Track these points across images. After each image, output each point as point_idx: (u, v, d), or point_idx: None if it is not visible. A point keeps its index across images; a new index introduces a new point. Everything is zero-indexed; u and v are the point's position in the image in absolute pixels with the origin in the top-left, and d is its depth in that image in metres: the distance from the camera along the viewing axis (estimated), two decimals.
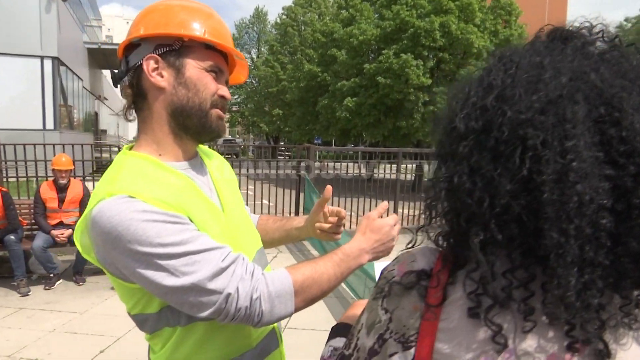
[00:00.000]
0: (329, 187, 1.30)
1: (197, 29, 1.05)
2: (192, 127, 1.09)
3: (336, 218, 1.34)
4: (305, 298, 1.02)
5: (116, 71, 1.12)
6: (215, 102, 1.09)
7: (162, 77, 1.05)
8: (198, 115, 1.07)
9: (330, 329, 1.03)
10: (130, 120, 1.16)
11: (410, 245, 0.67)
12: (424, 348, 0.54)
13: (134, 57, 1.08)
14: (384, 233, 1.16)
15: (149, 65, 1.04)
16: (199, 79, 1.06)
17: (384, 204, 1.21)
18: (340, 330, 0.95)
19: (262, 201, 8.29)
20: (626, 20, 23.69)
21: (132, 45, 1.09)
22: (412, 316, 0.56)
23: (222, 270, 0.94)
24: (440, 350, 0.53)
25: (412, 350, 0.55)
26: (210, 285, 0.92)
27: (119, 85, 1.13)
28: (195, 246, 0.93)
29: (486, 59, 0.63)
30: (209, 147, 1.36)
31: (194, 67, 1.06)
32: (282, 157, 14.52)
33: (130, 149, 1.13)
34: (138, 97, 1.09)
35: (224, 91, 1.11)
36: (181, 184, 1.05)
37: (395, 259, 0.64)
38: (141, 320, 1.06)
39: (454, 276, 0.55)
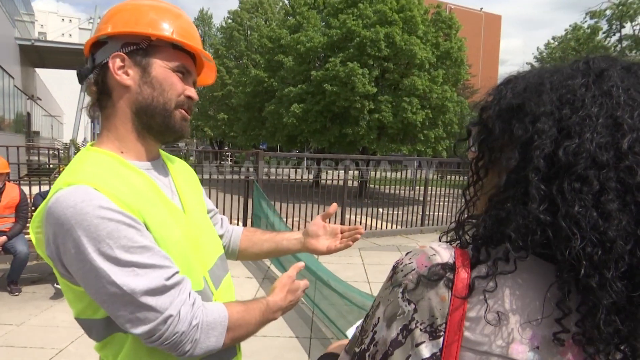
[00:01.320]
0: (334, 205, 1.40)
1: (165, 29, 1.05)
2: (155, 127, 1.08)
3: (352, 232, 1.42)
4: (233, 337, 1.03)
5: (82, 68, 1.10)
6: (181, 102, 1.09)
7: (127, 75, 1.05)
8: (162, 114, 1.07)
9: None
10: (94, 118, 1.13)
11: (444, 239, 0.71)
12: (453, 337, 0.57)
13: (100, 55, 1.07)
14: (297, 296, 1.25)
15: (115, 63, 1.04)
16: (165, 79, 1.06)
17: (300, 264, 1.29)
18: (329, 358, 0.95)
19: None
20: (553, 39, 25.37)
21: (99, 43, 1.08)
22: (440, 306, 0.58)
23: (167, 288, 0.93)
24: (469, 338, 0.57)
25: (441, 340, 0.57)
26: (151, 302, 0.90)
27: (84, 83, 1.11)
28: (143, 258, 0.91)
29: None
30: None
31: (160, 67, 1.06)
32: (228, 162, 14.31)
33: (92, 146, 1.11)
34: (103, 94, 1.08)
35: (191, 92, 1.11)
36: (142, 183, 1.04)
37: (408, 253, 0.65)
38: (89, 326, 1.03)
39: (476, 270, 0.60)
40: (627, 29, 21.13)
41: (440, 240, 0.69)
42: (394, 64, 16.58)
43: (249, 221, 8.07)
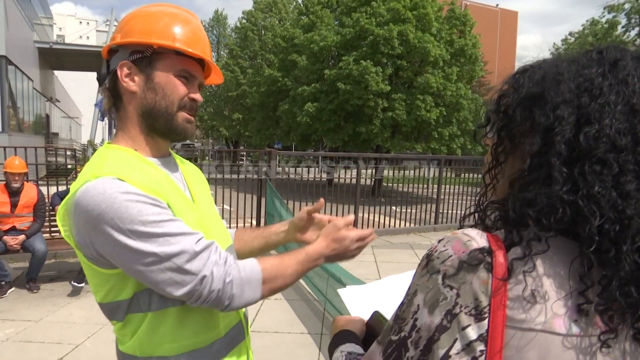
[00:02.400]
0: (321, 200, 1.41)
1: (167, 37, 1.12)
2: (159, 128, 1.16)
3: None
4: (271, 287, 1.11)
5: (101, 73, 1.20)
6: (184, 104, 1.16)
7: (133, 82, 1.13)
8: (165, 117, 1.15)
9: (289, 331, 1.09)
10: (112, 119, 1.22)
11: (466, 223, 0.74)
12: (498, 317, 0.59)
13: (113, 62, 1.16)
14: (343, 246, 1.24)
15: (122, 71, 1.13)
16: (167, 84, 1.13)
17: (350, 217, 1.29)
18: (345, 337, 0.96)
19: (222, 206, 8.25)
20: (570, 34, 25.00)
21: (112, 50, 1.17)
22: (483, 289, 0.61)
23: (197, 253, 1.02)
24: (512, 317, 0.59)
25: (486, 321, 0.60)
26: (186, 266, 0.99)
27: (101, 86, 1.20)
28: (172, 228, 1.01)
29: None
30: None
31: (162, 73, 1.13)
32: (243, 162, 14.38)
33: (109, 144, 1.20)
34: (116, 98, 1.17)
35: (195, 94, 1.18)
36: (158, 175, 1.12)
37: (440, 241, 0.67)
38: (113, 308, 1.10)
39: (512, 252, 0.62)
40: None
41: (461, 225, 0.72)
42: (408, 62, 16.51)
43: (262, 220, 8.12)
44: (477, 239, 0.64)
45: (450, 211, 10.34)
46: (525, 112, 0.69)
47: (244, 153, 31.77)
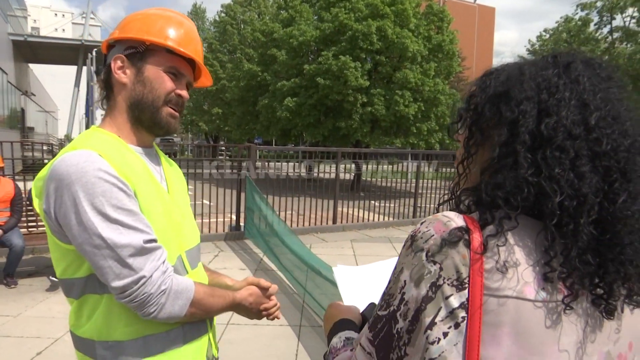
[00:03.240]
0: (274, 286, 1.49)
1: (160, 36, 1.21)
2: (145, 121, 1.24)
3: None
4: (194, 312, 1.17)
5: (98, 66, 1.32)
6: (170, 99, 1.24)
7: (125, 74, 1.22)
8: (150, 110, 1.22)
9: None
10: (103, 108, 1.30)
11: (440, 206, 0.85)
12: (476, 286, 0.68)
13: (110, 56, 1.25)
14: (257, 309, 1.40)
15: (115, 63, 1.22)
16: (155, 78, 1.21)
17: (274, 288, 1.47)
18: (345, 324, 1.02)
19: (202, 201, 8.27)
20: (545, 31, 25.44)
21: (111, 46, 1.27)
22: (463, 263, 0.69)
23: (144, 251, 1.07)
24: (489, 286, 0.67)
25: (466, 291, 0.68)
26: (129, 260, 1.04)
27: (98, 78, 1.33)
28: (128, 219, 1.06)
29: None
30: None
31: (152, 68, 1.21)
32: (223, 157, 14.32)
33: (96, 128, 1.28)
34: (108, 89, 1.26)
35: (181, 90, 1.26)
36: (135, 161, 1.19)
37: (423, 223, 0.76)
38: (69, 285, 1.15)
39: (487, 230, 0.71)
40: (618, 21, 21.27)
41: (437, 211, 0.81)
42: (386, 57, 16.63)
43: (241, 215, 8.17)
44: (456, 219, 0.73)
45: (428, 205, 10.52)
46: (493, 108, 0.79)
47: (224, 148, 31.61)
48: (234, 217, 8.40)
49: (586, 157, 0.70)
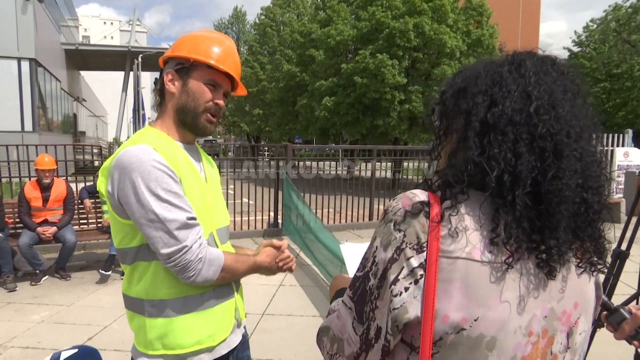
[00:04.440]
0: (285, 241, 1.74)
1: (203, 54, 1.47)
2: (187, 123, 1.50)
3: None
4: (224, 276, 1.43)
5: (156, 79, 1.63)
6: (209, 107, 1.49)
7: (174, 85, 1.49)
8: (192, 115, 1.48)
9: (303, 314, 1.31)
10: (156, 111, 1.59)
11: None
12: (432, 249, 0.80)
13: (164, 70, 1.53)
14: (276, 265, 1.66)
15: (167, 77, 1.50)
16: (197, 89, 1.47)
17: (284, 242, 1.70)
18: (344, 291, 1.16)
19: (242, 199, 8.53)
20: (592, 21, 24.45)
21: (165, 61, 1.56)
22: (422, 230, 0.81)
23: (187, 226, 1.33)
24: (443, 249, 0.80)
25: (424, 253, 0.80)
26: (175, 232, 1.30)
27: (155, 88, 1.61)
28: (175, 200, 1.33)
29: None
30: None
31: (195, 81, 1.48)
32: (262, 157, 14.65)
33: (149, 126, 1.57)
34: (161, 97, 1.54)
35: (218, 99, 1.51)
36: (180, 155, 1.45)
37: (394, 199, 0.88)
38: (124, 253, 1.42)
39: (445, 204, 0.84)
40: None
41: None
42: (424, 54, 16.53)
43: (279, 213, 8.38)
44: (420, 195, 0.86)
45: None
46: (454, 101, 0.93)
47: (264, 148, 32.13)
48: (272, 214, 8.63)
49: (525, 140, 0.81)
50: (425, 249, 0.81)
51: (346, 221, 9.08)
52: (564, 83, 0.88)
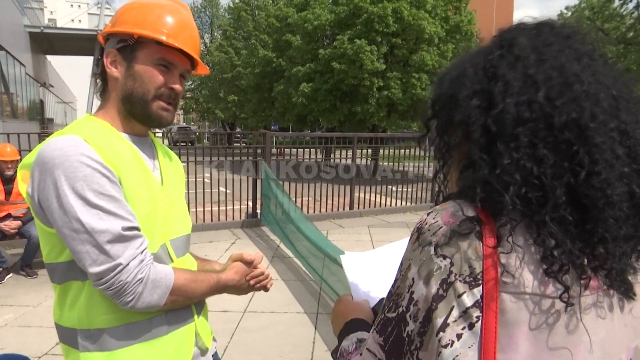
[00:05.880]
0: (259, 254, 1.44)
1: (149, 27, 1.17)
2: (137, 114, 1.23)
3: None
4: (175, 299, 1.16)
5: (99, 58, 1.30)
6: (160, 93, 1.21)
7: (116, 68, 1.21)
8: (140, 104, 1.20)
9: (284, 312, 1.10)
10: (99, 99, 1.29)
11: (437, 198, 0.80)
12: (490, 282, 0.61)
13: (105, 49, 1.24)
14: (247, 283, 1.39)
15: (108, 58, 1.21)
16: (145, 72, 1.19)
17: (259, 255, 1.42)
18: (356, 325, 0.96)
19: (219, 188, 8.27)
20: (566, 8, 24.65)
21: (106, 38, 1.25)
22: (475, 257, 0.62)
23: (123, 238, 1.05)
24: (505, 282, 0.61)
25: (480, 288, 0.61)
26: (106, 246, 1.03)
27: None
28: (108, 205, 1.05)
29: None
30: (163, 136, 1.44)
31: (142, 61, 1.19)
32: (238, 144, 14.26)
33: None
34: (102, 82, 1.26)
35: (173, 83, 1.22)
36: (125, 149, 1.19)
37: (429, 214, 0.69)
38: (52, 269, 1.15)
39: (497, 221, 0.64)
40: None
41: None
42: (403, 40, 16.34)
43: (258, 202, 8.16)
44: (467, 209, 0.66)
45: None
46: (447, 113, 0.74)
47: (239, 135, 31.68)
48: (250, 204, 8.39)
49: (543, 139, 0.63)
50: (480, 281, 0.61)
51: (326, 210, 8.90)
52: (575, 48, 0.68)
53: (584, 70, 0.66)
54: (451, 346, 0.61)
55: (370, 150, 10.56)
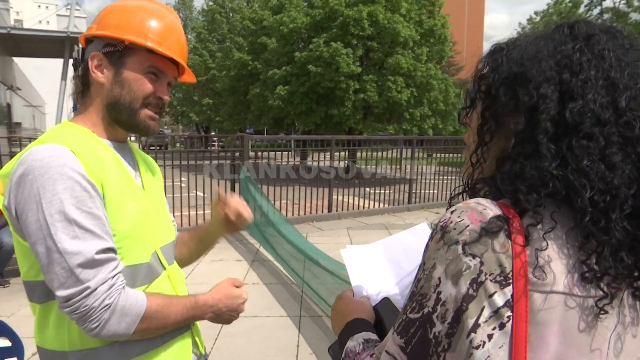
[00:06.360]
0: (219, 191, 1.42)
1: (140, 34, 1.14)
2: (122, 121, 1.19)
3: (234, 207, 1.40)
4: (147, 326, 1.06)
5: (77, 59, 1.25)
6: (148, 102, 1.18)
7: (102, 73, 1.16)
8: (128, 112, 1.17)
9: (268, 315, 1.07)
10: (78, 102, 1.22)
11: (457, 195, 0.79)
12: (520, 282, 0.60)
13: (88, 51, 1.18)
14: (234, 305, 1.28)
15: (93, 62, 1.16)
16: (134, 80, 1.15)
17: (240, 281, 1.34)
18: (359, 325, 0.94)
19: (196, 192, 8.15)
20: (535, 13, 25.33)
21: (89, 39, 1.20)
22: (505, 256, 0.62)
23: (95, 263, 0.98)
24: (534, 281, 0.61)
25: (511, 287, 0.61)
26: (76, 270, 0.96)
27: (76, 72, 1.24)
28: (85, 221, 0.99)
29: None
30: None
31: (132, 69, 1.15)
32: (214, 148, 14.07)
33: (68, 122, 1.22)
34: (84, 85, 1.19)
35: (161, 92, 1.20)
36: (108, 157, 1.14)
37: (453, 212, 0.67)
38: (32, 288, 1.08)
39: (526, 219, 0.64)
40: (608, 2, 21.18)
41: (450, 204, 0.72)
42: (378, 43, 16.47)
43: None
44: (491, 207, 0.65)
45: (423, 191, 10.48)
46: (509, 92, 0.71)
47: (215, 139, 31.38)
48: None
49: (617, 145, 0.63)
50: (511, 281, 0.60)
51: (305, 213, 8.88)
52: None
53: None
54: (483, 347, 0.61)
55: (347, 153, 10.59)
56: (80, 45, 1.26)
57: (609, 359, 0.64)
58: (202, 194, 8.29)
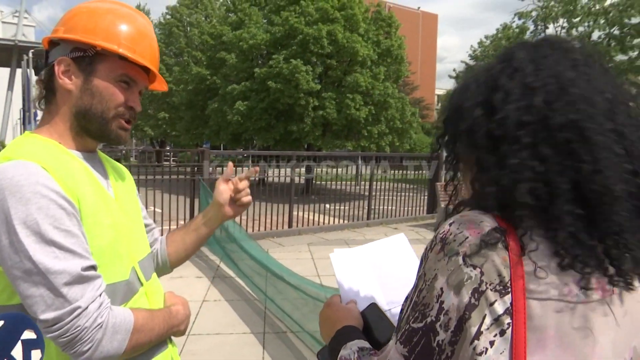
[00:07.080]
0: (230, 164, 1.45)
1: (112, 39, 1.08)
2: (92, 131, 1.13)
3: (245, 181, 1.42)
4: (137, 339, 1.02)
5: (39, 63, 1.18)
6: (121, 112, 1.13)
7: (70, 80, 1.09)
8: (99, 122, 1.11)
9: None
10: (41, 109, 1.16)
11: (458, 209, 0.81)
12: (518, 289, 0.65)
13: (53, 55, 1.11)
14: (189, 311, 1.29)
15: (60, 67, 1.08)
16: (106, 89, 1.10)
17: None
18: (350, 333, 0.96)
19: (153, 209, 7.96)
20: (485, 37, 26.54)
21: (53, 42, 1.12)
22: (504, 266, 0.65)
23: (81, 279, 0.93)
24: (531, 289, 0.65)
25: (510, 295, 0.65)
26: (63, 289, 0.91)
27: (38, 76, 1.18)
28: (65, 241, 0.93)
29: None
30: None
31: (102, 76, 1.09)
32: (169, 162, 13.79)
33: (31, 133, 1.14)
34: (48, 91, 1.12)
35: (133, 102, 1.15)
36: (79, 169, 1.08)
37: (452, 224, 0.71)
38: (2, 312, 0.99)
39: (519, 231, 0.68)
40: (551, 30, 22.42)
41: (435, 229, 0.78)
42: (337, 61, 16.76)
43: None
44: (488, 219, 0.69)
45: (381, 207, 10.64)
46: (455, 123, 0.80)
47: (170, 153, 30.74)
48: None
49: (545, 139, 0.69)
50: (510, 289, 0.65)
51: (265, 229, 8.83)
52: (572, 58, 0.74)
53: (580, 76, 0.72)
54: (485, 353, 0.64)
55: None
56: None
57: (607, 359, 0.69)
58: (159, 210, 8.10)
